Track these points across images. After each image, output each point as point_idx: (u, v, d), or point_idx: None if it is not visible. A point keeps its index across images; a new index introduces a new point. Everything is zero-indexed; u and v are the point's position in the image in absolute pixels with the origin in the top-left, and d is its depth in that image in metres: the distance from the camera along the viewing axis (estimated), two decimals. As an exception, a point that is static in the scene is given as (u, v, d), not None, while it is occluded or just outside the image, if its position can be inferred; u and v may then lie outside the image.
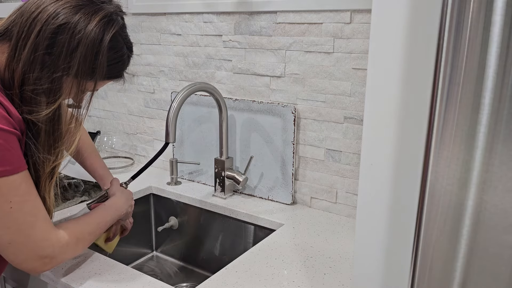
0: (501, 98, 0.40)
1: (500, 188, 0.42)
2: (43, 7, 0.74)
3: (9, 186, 0.70)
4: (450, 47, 0.42)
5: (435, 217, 0.46)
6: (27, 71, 0.73)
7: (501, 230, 0.43)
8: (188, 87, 1.12)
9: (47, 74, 0.73)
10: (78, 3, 0.76)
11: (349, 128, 1.13)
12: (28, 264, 0.76)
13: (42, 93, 0.74)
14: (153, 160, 1.09)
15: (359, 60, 1.08)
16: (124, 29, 0.83)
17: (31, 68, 0.73)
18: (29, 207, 0.73)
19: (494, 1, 0.39)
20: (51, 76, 0.74)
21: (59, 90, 0.75)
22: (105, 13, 0.77)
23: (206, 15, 1.31)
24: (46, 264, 0.77)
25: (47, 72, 0.73)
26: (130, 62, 0.87)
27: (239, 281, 0.88)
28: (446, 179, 0.45)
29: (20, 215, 0.72)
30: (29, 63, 0.73)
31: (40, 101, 0.74)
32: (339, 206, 1.19)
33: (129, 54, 0.85)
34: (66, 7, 0.74)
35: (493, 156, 0.42)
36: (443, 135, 0.44)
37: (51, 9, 0.74)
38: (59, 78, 0.74)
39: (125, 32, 0.84)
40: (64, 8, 0.74)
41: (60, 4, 0.74)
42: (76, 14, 0.74)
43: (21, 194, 0.72)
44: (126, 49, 0.84)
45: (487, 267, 0.44)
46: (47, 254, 0.76)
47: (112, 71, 0.82)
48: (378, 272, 0.60)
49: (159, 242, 1.42)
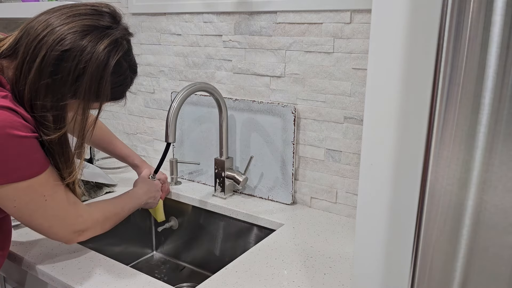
0: (501, 98, 0.40)
1: (500, 188, 0.42)
2: (50, 29, 0.73)
3: (40, 183, 0.78)
4: (450, 47, 0.42)
5: (435, 217, 0.46)
6: (33, 98, 0.74)
7: (501, 230, 0.43)
8: (188, 87, 1.12)
9: (53, 102, 0.75)
10: (84, 28, 0.75)
11: (349, 128, 1.13)
12: (65, 237, 0.85)
13: (50, 119, 0.77)
14: (161, 163, 1.15)
15: (359, 60, 1.08)
16: (129, 53, 0.84)
17: (37, 95, 0.74)
18: (60, 196, 0.82)
19: (494, 1, 0.39)
20: (56, 104, 0.76)
21: (64, 118, 0.78)
22: (111, 40, 0.78)
23: (206, 15, 1.31)
24: (80, 236, 0.87)
25: (51, 99, 0.75)
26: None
27: (239, 281, 0.88)
28: (446, 179, 0.45)
29: (55, 204, 0.81)
30: (34, 89, 0.74)
31: (49, 126, 0.77)
32: (339, 206, 1.19)
33: (132, 76, 0.87)
34: (71, 32, 0.74)
35: (493, 156, 0.42)
36: (443, 135, 0.44)
37: (57, 32, 0.73)
38: (65, 106, 0.77)
39: (130, 55, 0.85)
40: (69, 33, 0.74)
41: (67, 28, 0.74)
42: (82, 39, 0.74)
43: (51, 187, 0.80)
44: (130, 72, 0.85)
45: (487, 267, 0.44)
46: (80, 228, 0.87)
47: (115, 93, 0.84)
48: (378, 272, 0.60)
49: (159, 242, 1.42)
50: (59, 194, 0.82)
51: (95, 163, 1.53)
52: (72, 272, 0.89)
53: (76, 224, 0.86)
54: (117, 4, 1.51)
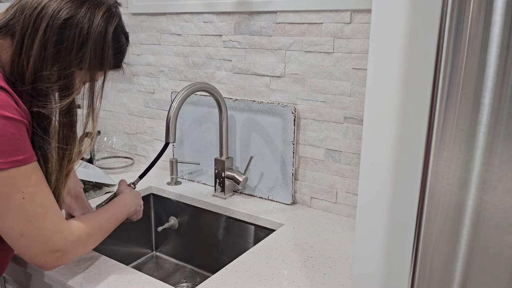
0: (501, 98, 0.40)
1: (500, 188, 0.42)
2: (45, 2, 0.75)
3: (22, 176, 0.70)
4: (450, 47, 0.42)
5: (435, 217, 0.46)
6: (39, 69, 0.74)
7: (501, 230, 0.43)
8: (188, 87, 1.12)
9: (60, 71, 0.75)
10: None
11: (349, 128, 1.13)
12: (40, 258, 0.75)
13: (56, 89, 0.75)
14: (156, 160, 1.10)
15: (359, 60, 1.08)
16: (121, 20, 0.86)
17: (43, 65, 0.74)
18: (40, 199, 0.73)
19: (494, 1, 0.39)
20: (64, 72, 0.75)
21: (72, 85, 0.77)
22: (106, 7, 0.80)
23: (206, 15, 1.31)
24: (58, 259, 0.76)
25: (59, 68, 0.75)
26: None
27: (239, 281, 0.88)
28: (446, 179, 0.45)
29: (32, 206, 0.72)
30: (40, 60, 0.73)
31: (54, 96, 0.75)
32: (339, 206, 1.19)
33: (126, 44, 0.88)
34: (68, 2, 0.76)
35: (493, 156, 0.42)
36: (443, 135, 0.44)
37: (54, 4, 0.75)
38: (72, 74, 0.76)
39: (122, 23, 0.86)
40: (66, 3, 0.75)
41: (61, 0, 0.76)
42: (80, 8, 0.76)
43: (32, 185, 0.72)
44: (125, 39, 0.87)
45: (487, 267, 0.44)
46: (58, 248, 0.76)
47: (116, 61, 0.85)
48: (378, 272, 0.60)
49: (159, 242, 1.42)
50: (40, 196, 0.73)
51: (95, 163, 1.53)
52: (72, 272, 0.89)
53: (54, 242, 0.75)
54: (117, 4, 1.51)
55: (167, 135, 1.08)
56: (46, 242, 0.74)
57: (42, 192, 0.74)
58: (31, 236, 0.73)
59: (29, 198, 0.71)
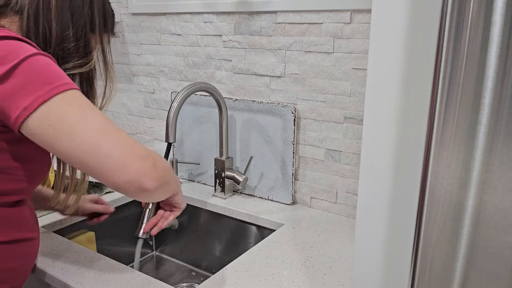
0: (501, 98, 0.40)
1: (500, 188, 0.42)
2: None
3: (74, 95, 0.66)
4: (450, 47, 0.42)
5: (435, 217, 0.46)
6: (64, 29, 0.77)
7: (501, 230, 0.43)
8: (188, 87, 1.12)
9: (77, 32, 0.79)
10: None
11: (349, 128, 1.13)
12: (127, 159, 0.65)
13: (82, 46, 0.79)
14: None
15: (359, 60, 1.08)
16: None
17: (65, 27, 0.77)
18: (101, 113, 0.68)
19: (494, 1, 0.39)
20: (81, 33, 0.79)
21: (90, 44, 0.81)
22: None
23: (206, 15, 1.31)
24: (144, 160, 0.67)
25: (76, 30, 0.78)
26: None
27: (239, 281, 0.88)
28: (446, 179, 0.45)
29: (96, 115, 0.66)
30: (61, 23, 0.76)
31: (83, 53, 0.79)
32: (339, 206, 1.19)
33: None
34: None
35: (493, 156, 0.42)
36: (443, 135, 0.44)
37: None
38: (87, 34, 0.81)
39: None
40: None
41: None
42: None
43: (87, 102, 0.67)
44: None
45: (487, 267, 0.44)
46: (146, 154, 0.68)
47: (113, 23, 0.89)
48: (378, 272, 0.60)
49: (159, 242, 1.42)
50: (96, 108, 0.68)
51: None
52: (72, 272, 0.89)
53: (134, 146, 0.67)
54: (117, 4, 1.51)
55: (167, 135, 1.08)
56: (130, 148, 0.66)
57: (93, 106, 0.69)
58: (110, 142, 0.65)
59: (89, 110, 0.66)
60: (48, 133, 0.63)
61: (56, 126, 0.63)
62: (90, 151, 0.64)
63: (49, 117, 0.63)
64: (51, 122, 0.63)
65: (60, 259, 0.94)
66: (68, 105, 0.64)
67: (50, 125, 0.63)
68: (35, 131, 0.64)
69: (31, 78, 0.63)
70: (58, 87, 0.64)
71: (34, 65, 0.64)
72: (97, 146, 0.64)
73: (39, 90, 0.63)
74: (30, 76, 0.63)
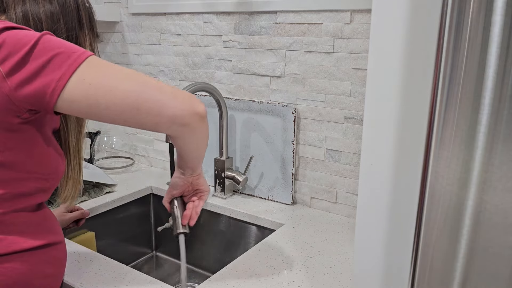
0: (501, 98, 0.40)
1: (500, 188, 0.42)
2: None
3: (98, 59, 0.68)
4: (450, 47, 0.42)
5: (435, 217, 0.46)
6: (55, 21, 0.76)
7: (501, 230, 0.43)
8: (189, 87, 1.12)
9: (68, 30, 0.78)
10: None
11: (349, 128, 1.13)
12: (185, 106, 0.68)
13: (73, 41, 0.77)
14: (173, 163, 1.14)
15: (359, 60, 1.08)
16: None
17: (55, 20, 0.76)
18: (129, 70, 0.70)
19: (494, 1, 0.39)
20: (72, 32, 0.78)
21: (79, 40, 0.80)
22: None
23: (206, 15, 1.31)
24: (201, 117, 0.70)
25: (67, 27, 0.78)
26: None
27: (239, 281, 0.88)
28: (446, 179, 0.45)
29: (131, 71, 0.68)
30: (51, 15, 0.75)
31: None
32: (339, 206, 1.19)
33: None
34: None
35: (493, 156, 0.42)
36: (443, 135, 0.44)
37: None
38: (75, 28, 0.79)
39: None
40: None
41: None
42: None
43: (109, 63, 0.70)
44: None
45: (487, 267, 0.44)
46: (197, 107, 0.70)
47: (95, 24, 0.87)
48: (378, 272, 0.60)
49: (159, 242, 1.42)
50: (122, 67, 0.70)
51: (95, 163, 1.53)
52: (72, 272, 0.89)
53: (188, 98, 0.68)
54: (117, 4, 1.51)
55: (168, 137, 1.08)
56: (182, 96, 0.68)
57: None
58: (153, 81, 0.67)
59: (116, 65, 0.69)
60: (90, 92, 0.64)
61: (96, 83, 0.64)
62: (138, 91, 0.65)
63: (86, 79, 0.63)
64: (90, 81, 0.63)
65: (60, 259, 0.94)
66: (98, 65, 0.65)
67: (90, 84, 0.63)
68: (75, 97, 0.64)
69: (54, 53, 0.64)
70: (83, 54, 0.65)
71: (51, 41, 0.65)
72: (143, 84, 0.65)
73: (67, 60, 0.63)
74: (52, 51, 0.64)
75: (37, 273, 0.71)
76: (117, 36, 1.55)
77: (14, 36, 0.64)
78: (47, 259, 0.74)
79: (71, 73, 0.63)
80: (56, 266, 0.75)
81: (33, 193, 0.72)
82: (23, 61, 0.63)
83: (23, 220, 0.71)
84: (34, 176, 0.71)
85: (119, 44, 1.55)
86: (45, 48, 0.64)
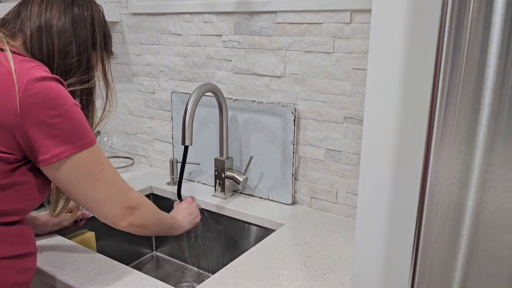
0: (501, 98, 0.40)
1: (500, 188, 0.42)
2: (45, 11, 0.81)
3: (97, 150, 0.79)
4: (450, 47, 0.42)
5: (435, 217, 0.46)
6: (66, 44, 0.81)
7: (501, 230, 0.43)
8: (197, 89, 1.13)
9: (80, 49, 0.83)
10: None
11: (349, 128, 1.13)
12: (118, 214, 0.83)
13: (84, 62, 0.84)
14: (183, 167, 1.17)
15: (359, 60, 1.08)
16: None
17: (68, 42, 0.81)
18: (111, 167, 0.83)
19: (494, 1, 0.39)
20: (83, 51, 0.84)
21: (91, 61, 0.86)
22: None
23: (206, 15, 1.31)
24: (131, 213, 0.85)
25: (79, 47, 0.83)
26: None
27: (239, 281, 0.88)
28: (446, 179, 0.45)
29: (109, 174, 0.81)
30: (64, 38, 0.81)
31: (85, 68, 0.84)
32: (339, 206, 1.19)
33: None
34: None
35: (493, 156, 0.42)
36: (443, 135, 0.44)
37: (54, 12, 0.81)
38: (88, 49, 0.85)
39: None
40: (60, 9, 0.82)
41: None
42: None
43: (103, 157, 0.81)
44: None
45: (487, 267, 0.44)
46: (132, 205, 0.85)
47: (111, 43, 0.94)
48: (378, 272, 0.60)
49: (159, 242, 1.42)
50: (110, 164, 0.82)
51: (95, 163, 1.52)
52: (72, 272, 0.89)
53: (128, 200, 0.84)
54: (117, 4, 1.51)
55: (183, 139, 1.11)
56: (123, 200, 0.83)
57: (108, 161, 0.84)
58: (112, 198, 0.81)
59: (106, 167, 0.81)
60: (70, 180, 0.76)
61: (80, 177, 0.76)
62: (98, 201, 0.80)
63: (77, 171, 0.76)
64: (78, 175, 0.76)
65: (60, 259, 0.94)
66: (93, 161, 0.78)
67: (77, 178, 0.76)
68: (59, 175, 0.75)
69: (67, 130, 0.73)
70: (88, 143, 0.76)
71: (72, 117, 0.73)
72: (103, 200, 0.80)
73: (71, 143, 0.74)
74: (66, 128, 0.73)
75: (8, 281, 0.76)
76: (117, 36, 1.55)
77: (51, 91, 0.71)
78: (18, 269, 0.78)
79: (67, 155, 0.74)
80: (26, 275, 0.80)
81: (14, 213, 0.76)
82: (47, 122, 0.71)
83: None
84: (21, 197, 0.76)
85: (119, 44, 1.55)
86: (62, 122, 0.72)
